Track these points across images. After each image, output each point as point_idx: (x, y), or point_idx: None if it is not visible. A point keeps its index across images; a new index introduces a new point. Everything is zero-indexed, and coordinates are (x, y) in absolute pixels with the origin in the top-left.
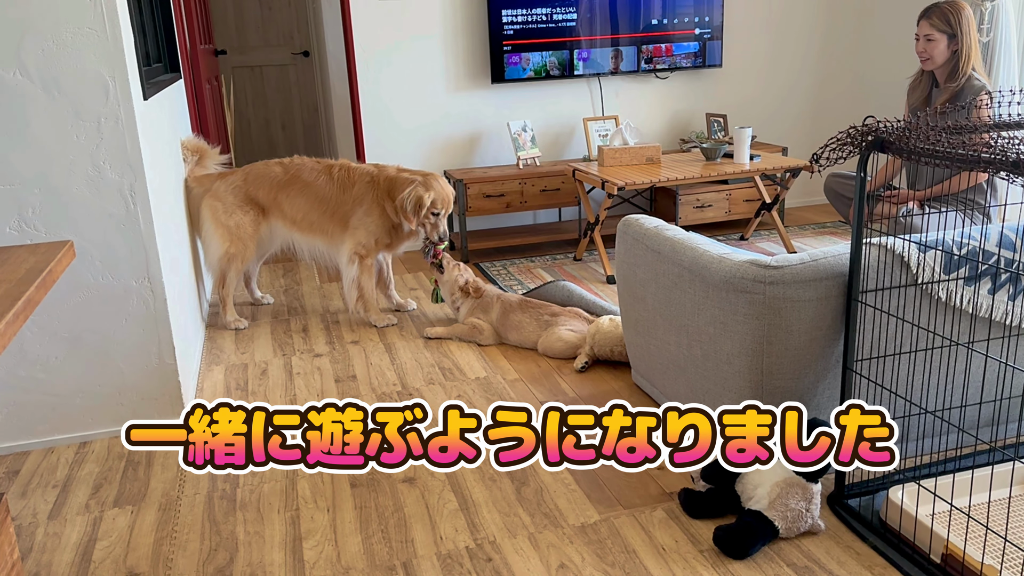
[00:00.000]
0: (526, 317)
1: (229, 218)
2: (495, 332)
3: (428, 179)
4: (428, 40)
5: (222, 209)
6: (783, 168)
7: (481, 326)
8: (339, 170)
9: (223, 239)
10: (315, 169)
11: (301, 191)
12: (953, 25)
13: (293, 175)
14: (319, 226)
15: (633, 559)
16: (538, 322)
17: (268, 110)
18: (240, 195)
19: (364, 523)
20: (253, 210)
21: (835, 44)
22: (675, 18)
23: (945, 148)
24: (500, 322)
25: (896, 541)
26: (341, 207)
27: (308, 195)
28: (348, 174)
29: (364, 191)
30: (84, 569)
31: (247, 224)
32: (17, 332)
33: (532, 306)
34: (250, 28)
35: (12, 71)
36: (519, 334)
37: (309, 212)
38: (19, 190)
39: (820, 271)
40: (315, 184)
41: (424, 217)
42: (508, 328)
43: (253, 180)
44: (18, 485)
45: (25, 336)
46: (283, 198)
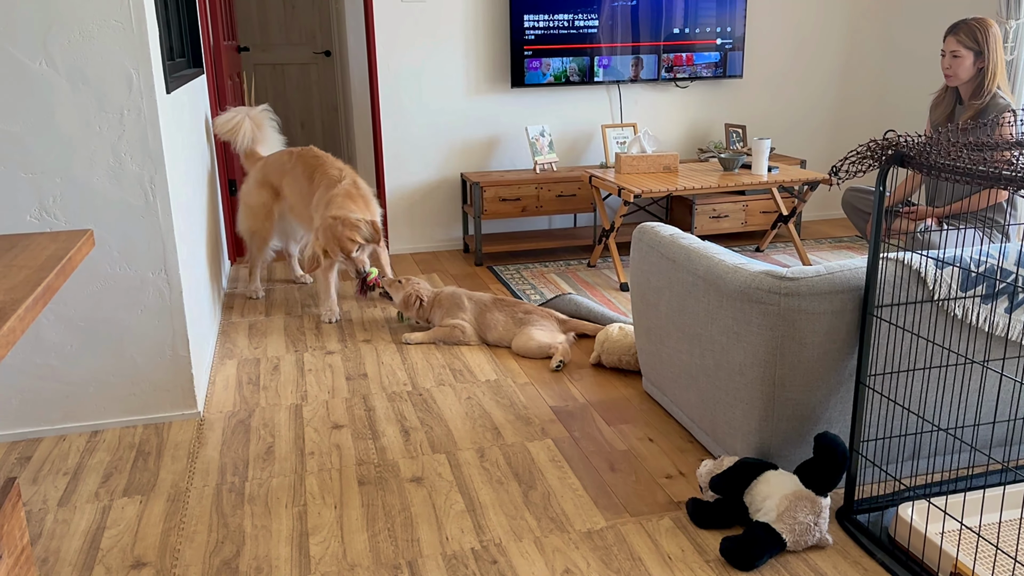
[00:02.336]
0: (501, 315)
1: (252, 198)
2: (475, 332)
3: (334, 223)
4: (449, 42)
5: (248, 189)
6: (801, 180)
7: (462, 326)
8: (319, 171)
9: (246, 216)
10: (309, 164)
11: (295, 180)
12: (980, 42)
13: (294, 164)
14: (302, 213)
15: (639, 567)
16: (513, 320)
17: (288, 108)
18: (261, 177)
19: (371, 521)
20: (269, 192)
21: (858, 59)
22: (697, 28)
23: (966, 164)
24: (478, 320)
25: (904, 558)
26: (312, 200)
27: (297, 185)
28: (322, 174)
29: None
30: (92, 556)
31: (265, 204)
32: (36, 318)
33: (506, 304)
34: (273, 26)
35: (38, 61)
36: (496, 332)
37: (297, 201)
38: (41, 179)
39: (836, 284)
40: (302, 176)
41: (340, 259)
42: (486, 327)
43: (271, 165)
44: (30, 471)
45: (42, 324)
46: (285, 184)
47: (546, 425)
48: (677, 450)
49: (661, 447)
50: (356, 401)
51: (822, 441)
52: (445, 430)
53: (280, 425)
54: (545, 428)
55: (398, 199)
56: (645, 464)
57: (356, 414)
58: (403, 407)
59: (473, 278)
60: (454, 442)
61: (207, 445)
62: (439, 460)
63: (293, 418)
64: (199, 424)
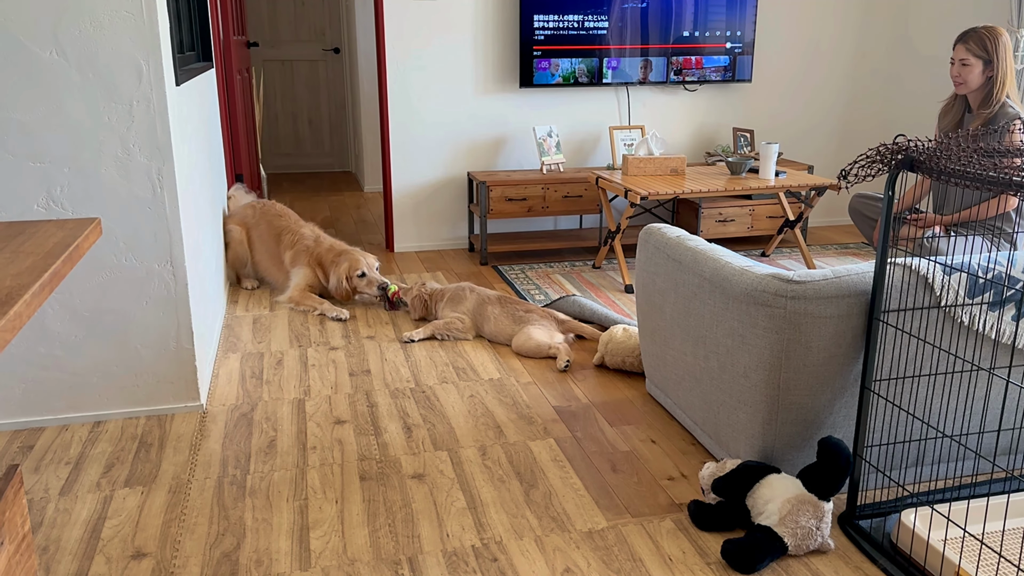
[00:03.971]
0: (500, 311)
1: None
2: (472, 324)
3: (346, 254)
4: (459, 41)
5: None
6: (809, 186)
7: (460, 318)
8: (287, 234)
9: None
10: (273, 225)
11: (260, 238)
12: (990, 51)
13: (259, 220)
14: (268, 269)
15: (639, 568)
16: (512, 317)
17: (296, 105)
18: (237, 218)
19: (372, 516)
20: (241, 231)
21: (867, 66)
22: (706, 31)
23: (976, 169)
24: (476, 312)
25: (906, 564)
26: (282, 262)
27: (265, 243)
28: (293, 238)
29: (300, 254)
30: (92, 546)
31: (239, 240)
32: (42, 304)
33: (508, 302)
34: (283, 22)
35: (49, 50)
36: (492, 326)
37: (263, 258)
38: (49, 168)
39: (843, 288)
40: (268, 237)
41: (355, 289)
42: (483, 319)
43: (244, 211)
44: (32, 460)
45: (47, 313)
46: (252, 237)
47: (548, 425)
48: (679, 452)
49: (663, 449)
50: (359, 397)
51: (826, 445)
52: (447, 427)
53: (282, 419)
54: (547, 428)
55: (404, 197)
56: (647, 465)
57: (359, 410)
58: (406, 404)
59: (478, 277)
60: (456, 440)
61: (209, 438)
62: (441, 457)
63: (296, 412)
64: (202, 416)
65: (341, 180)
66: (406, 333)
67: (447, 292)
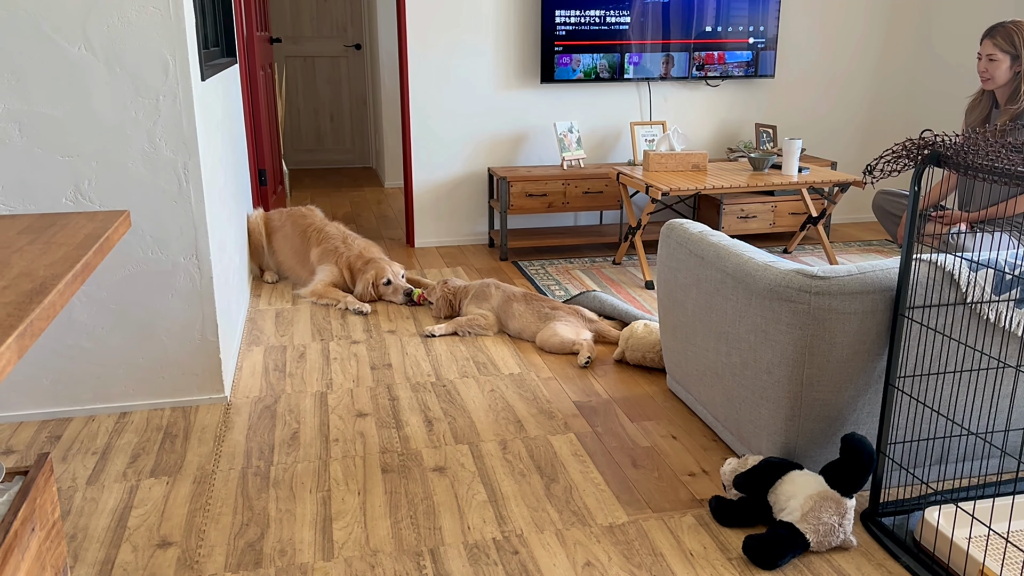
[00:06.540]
0: (526, 308)
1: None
2: (497, 320)
3: (373, 263)
4: (480, 37)
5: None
6: (832, 182)
7: (484, 314)
8: (314, 231)
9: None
10: (298, 224)
11: (285, 237)
12: (1017, 46)
13: (284, 221)
14: (292, 267)
15: (660, 562)
16: (537, 314)
17: (318, 100)
18: (263, 220)
19: (394, 508)
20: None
21: (891, 61)
22: (729, 26)
23: (1004, 165)
24: (501, 309)
25: (929, 562)
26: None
27: (291, 241)
28: (320, 236)
29: (328, 253)
30: (119, 535)
31: (255, 227)
32: (75, 293)
33: (534, 298)
34: (305, 18)
35: (78, 46)
36: (517, 323)
37: (288, 256)
38: (77, 162)
39: (867, 284)
40: (294, 236)
41: (380, 296)
42: (508, 316)
43: (271, 217)
44: (59, 450)
45: (74, 305)
46: (276, 238)
47: (569, 419)
48: (700, 448)
49: (684, 445)
50: (380, 390)
51: (849, 442)
52: (468, 421)
53: (305, 412)
54: (568, 422)
55: (425, 192)
56: (668, 461)
57: (380, 403)
58: (427, 397)
59: (498, 273)
60: (477, 433)
61: (233, 429)
62: (462, 451)
63: (318, 405)
64: (226, 408)
65: (362, 176)
66: (427, 328)
67: (471, 289)
